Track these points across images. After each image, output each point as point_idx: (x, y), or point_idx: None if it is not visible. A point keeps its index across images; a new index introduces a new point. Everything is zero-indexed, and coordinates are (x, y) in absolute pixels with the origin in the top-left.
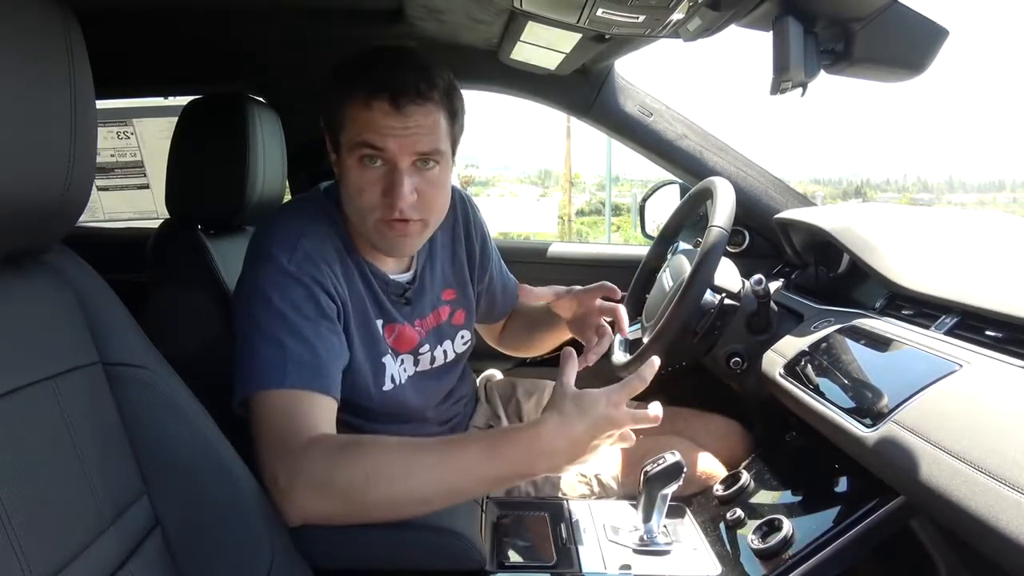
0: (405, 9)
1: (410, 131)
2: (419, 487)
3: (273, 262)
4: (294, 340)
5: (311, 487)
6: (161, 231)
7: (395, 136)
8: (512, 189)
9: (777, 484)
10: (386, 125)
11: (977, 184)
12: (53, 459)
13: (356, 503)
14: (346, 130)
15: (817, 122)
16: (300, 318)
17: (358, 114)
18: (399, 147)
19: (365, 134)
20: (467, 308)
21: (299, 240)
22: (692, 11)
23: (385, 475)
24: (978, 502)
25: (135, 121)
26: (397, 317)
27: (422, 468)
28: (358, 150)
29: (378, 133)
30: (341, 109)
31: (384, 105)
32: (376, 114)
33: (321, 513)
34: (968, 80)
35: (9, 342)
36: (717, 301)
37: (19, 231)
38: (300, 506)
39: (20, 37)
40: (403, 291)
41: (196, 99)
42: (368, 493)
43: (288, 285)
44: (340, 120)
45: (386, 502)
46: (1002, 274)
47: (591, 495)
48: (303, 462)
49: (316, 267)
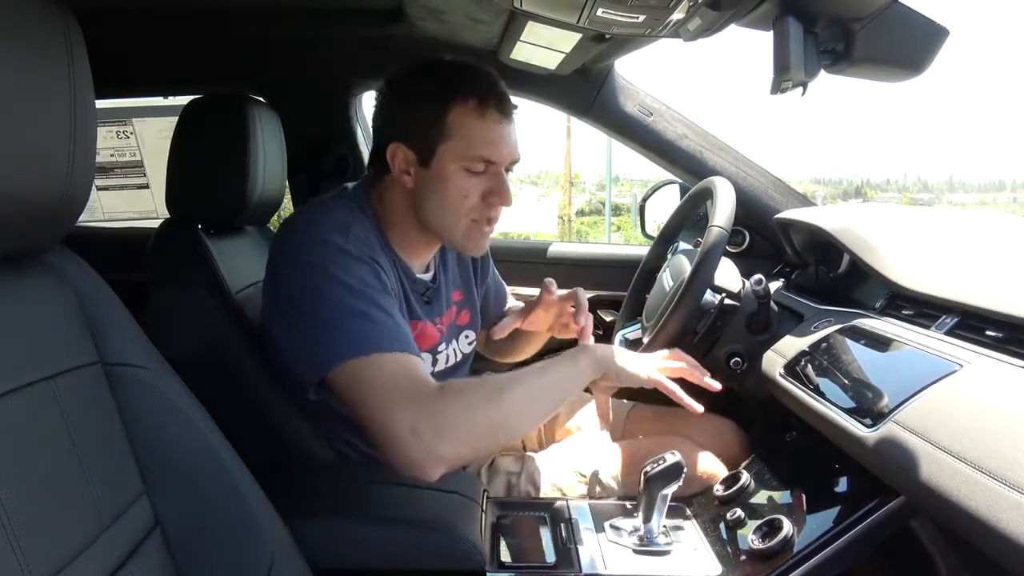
0: (405, 9)
1: (512, 137)
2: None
3: (330, 244)
4: (376, 309)
5: (455, 427)
6: (161, 231)
7: (506, 145)
8: (512, 189)
9: (777, 484)
10: (499, 136)
11: (977, 184)
12: (53, 459)
13: (491, 428)
14: (452, 139)
15: (817, 122)
16: (371, 291)
17: (470, 123)
18: (508, 156)
19: (482, 148)
20: (472, 308)
21: (349, 225)
22: (692, 11)
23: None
24: (978, 502)
25: (135, 121)
26: (421, 315)
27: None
28: (472, 163)
29: (493, 146)
30: (444, 117)
31: (495, 114)
32: (489, 123)
33: (464, 449)
34: (968, 80)
35: (9, 342)
36: (717, 301)
37: (19, 231)
38: (445, 450)
39: (20, 37)
40: (426, 289)
41: (196, 99)
42: (500, 414)
43: (350, 262)
44: (442, 129)
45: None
46: (1002, 274)
47: (591, 495)
48: (440, 404)
49: (371, 248)
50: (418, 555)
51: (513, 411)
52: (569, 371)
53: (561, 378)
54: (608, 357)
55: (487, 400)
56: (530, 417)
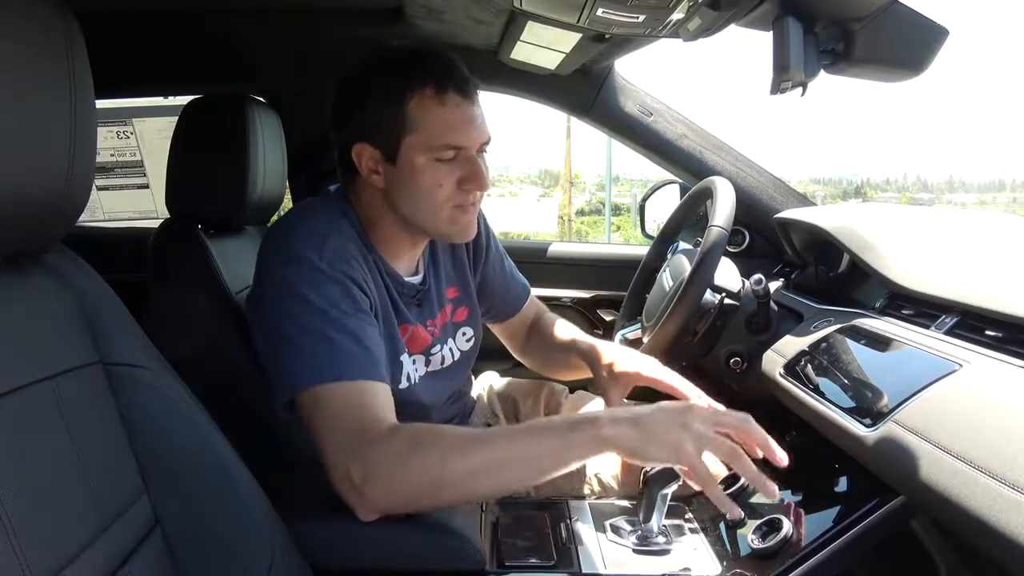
0: (405, 9)
1: (478, 118)
2: (492, 462)
3: (304, 262)
4: (340, 334)
5: (386, 478)
6: (161, 231)
7: (473, 128)
8: (512, 189)
9: (777, 484)
10: (463, 119)
11: (977, 184)
12: (53, 459)
13: (431, 487)
14: (416, 132)
15: (817, 122)
16: (340, 313)
17: (432, 112)
18: (476, 138)
19: (448, 136)
20: (469, 305)
21: (325, 239)
22: (692, 11)
23: (459, 456)
24: (978, 502)
25: (135, 121)
26: (410, 318)
27: (494, 446)
28: (438, 152)
29: (459, 131)
30: (404, 110)
31: (456, 97)
32: (450, 108)
33: (396, 502)
34: (968, 80)
35: (9, 342)
36: (717, 301)
37: (19, 231)
38: (374, 499)
39: (20, 37)
40: (415, 292)
41: (196, 99)
42: (444, 473)
43: (323, 283)
44: (403, 123)
45: (461, 481)
46: (1002, 274)
47: (591, 495)
48: (377, 452)
49: (347, 263)
50: (418, 555)
51: (456, 480)
52: (556, 446)
53: (544, 452)
54: (619, 434)
55: (430, 460)
56: (480, 488)
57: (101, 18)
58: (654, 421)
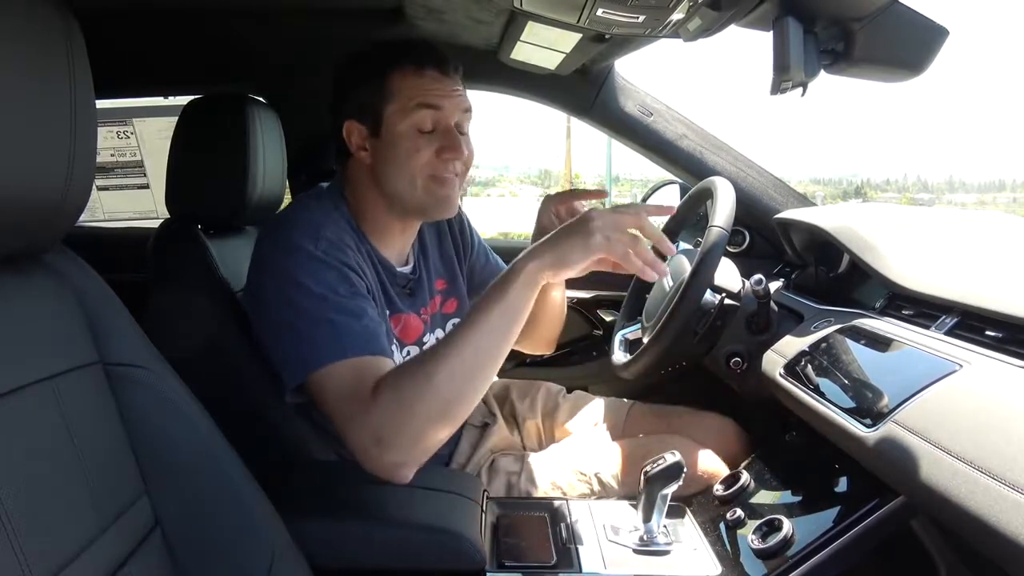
0: (405, 9)
1: (456, 93)
2: (465, 354)
3: (301, 251)
4: (342, 316)
5: (396, 432)
6: (161, 231)
7: (448, 96)
8: (512, 189)
9: (777, 484)
10: (439, 88)
11: (977, 184)
12: (53, 459)
13: (437, 411)
14: (395, 100)
15: (817, 122)
16: (339, 297)
17: (410, 81)
18: (452, 105)
19: (422, 97)
20: (458, 297)
21: (320, 229)
22: (692, 11)
23: (440, 367)
24: (978, 502)
25: (135, 121)
26: (402, 307)
27: (464, 342)
28: (414, 114)
29: (434, 95)
30: (386, 83)
31: (434, 72)
32: (427, 79)
33: (419, 446)
34: (968, 80)
35: (9, 342)
36: (717, 301)
37: (19, 231)
38: (399, 458)
39: (20, 37)
40: (407, 282)
41: (196, 99)
42: (438, 391)
43: (320, 270)
44: (385, 94)
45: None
46: (1002, 274)
47: (591, 495)
48: (374, 414)
49: (342, 251)
50: (418, 555)
51: (451, 389)
52: (502, 308)
53: (495, 322)
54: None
55: (419, 391)
56: (475, 384)
57: (101, 18)
58: (563, 233)
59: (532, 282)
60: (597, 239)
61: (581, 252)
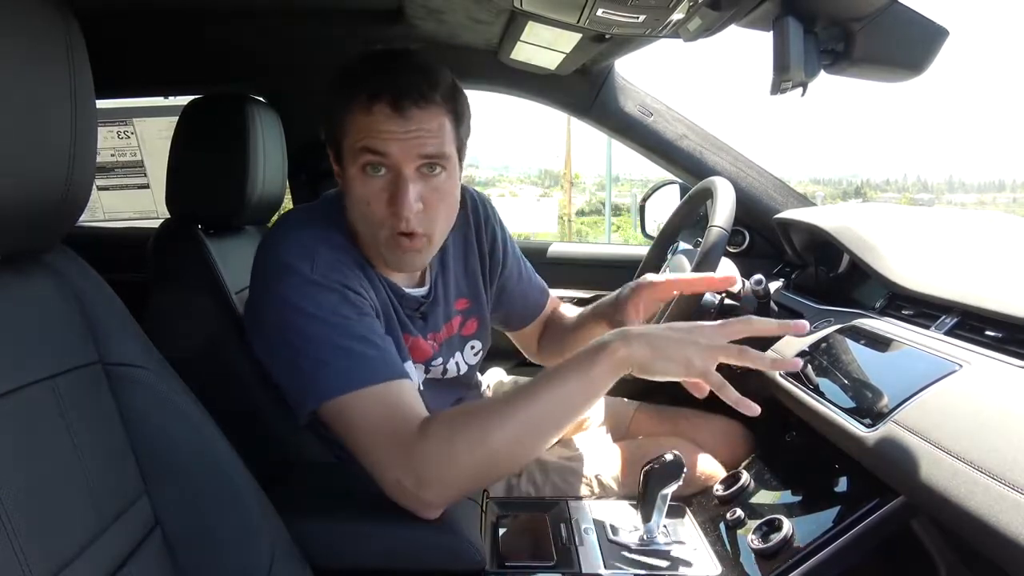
0: (405, 9)
1: (411, 134)
2: (528, 420)
3: (296, 274)
4: (351, 340)
5: (438, 476)
6: (161, 231)
7: (397, 140)
8: (512, 189)
9: (777, 484)
10: (387, 130)
11: (977, 184)
12: (53, 459)
13: (483, 465)
14: (348, 137)
15: (817, 122)
16: (344, 320)
17: (359, 119)
18: (402, 151)
19: (366, 139)
20: (479, 317)
21: (315, 251)
22: (692, 11)
23: (497, 426)
24: (978, 502)
25: (135, 121)
26: (412, 330)
27: (526, 404)
28: (360, 156)
29: (379, 138)
30: (343, 115)
31: (385, 108)
32: (377, 118)
33: (456, 491)
34: (968, 80)
35: (9, 342)
36: (717, 301)
37: (19, 231)
38: (435, 499)
39: (20, 37)
40: (418, 306)
41: (196, 99)
42: (490, 449)
43: (318, 293)
44: (342, 127)
45: (506, 448)
46: (1002, 274)
47: (591, 495)
48: (419, 453)
49: (340, 273)
50: (418, 555)
51: (505, 449)
52: (581, 385)
53: (570, 394)
54: (632, 353)
55: (472, 441)
56: (529, 448)
57: (101, 18)
58: (665, 337)
59: (618, 370)
60: (697, 363)
61: (676, 369)
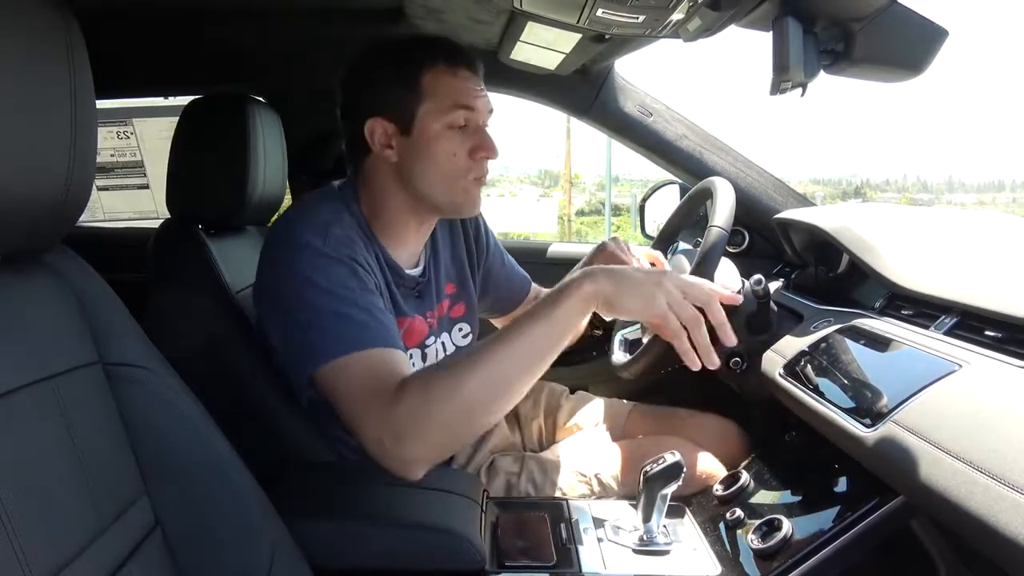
0: (405, 9)
1: (483, 92)
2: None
3: (309, 248)
4: (353, 309)
5: (416, 430)
6: (161, 231)
7: (479, 97)
8: (512, 189)
9: (777, 484)
10: (472, 88)
11: (977, 184)
12: (53, 459)
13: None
14: (430, 99)
15: (817, 122)
16: (350, 292)
17: (444, 81)
18: (483, 106)
19: (457, 97)
20: (467, 302)
21: (328, 227)
22: (692, 11)
23: (469, 375)
24: (978, 502)
25: (135, 121)
26: (407, 310)
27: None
28: (450, 114)
29: (469, 95)
30: (418, 82)
31: (466, 72)
32: (461, 79)
33: (436, 447)
34: (968, 80)
35: (9, 342)
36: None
37: (19, 231)
38: (414, 454)
39: (20, 37)
40: (415, 284)
41: (196, 99)
42: (465, 397)
43: (329, 266)
44: (418, 93)
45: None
46: (1002, 274)
47: (591, 495)
48: (396, 408)
49: (350, 248)
50: (418, 555)
51: (479, 398)
52: (547, 328)
53: (539, 335)
54: (598, 288)
55: (447, 391)
56: (503, 396)
57: (101, 18)
58: (630, 275)
59: (585, 305)
60: (660, 302)
61: (640, 305)
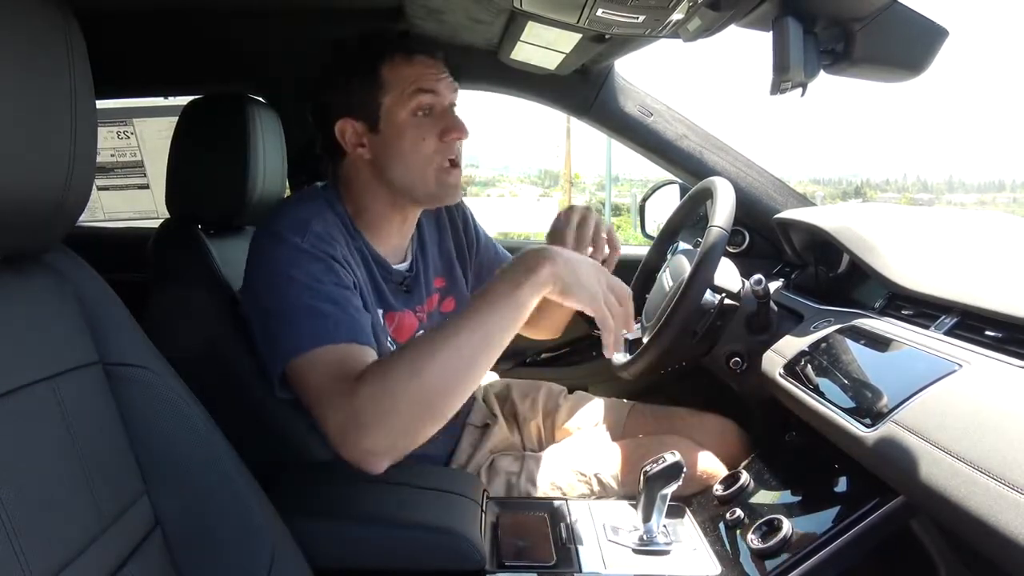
0: (405, 9)
1: (447, 76)
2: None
3: (287, 243)
4: (326, 304)
5: (376, 419)
6: (161, 231)
7: (441, 80)
8: (512, 189)
9: (777, 484)
10: (432, 73)
11: (977, 184)
12: (53, 459)
13: (420, 404)
14: (395, 89)
15: (817, 122)
16: (323, 286)
17: (403, 71)
18: (447, 88)
19: (418, 83)
20: (457, 297)
21: (308, 224)
22: (692, 11)
23: (428, 361)
24: (978, 502)
25: (135, 121)
26: (396, 305)
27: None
28: (414, 99)
29: (430, 80)
30: (378, 76)
31: (424, 58)
32: (419, 67)
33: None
34: (968, 80)
35: (9, 342)
36: (717, 301)
37: (19, 231)
38: (376, 446)
39: (20, 37)
40: (403, 279)
41: (196, 99)
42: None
43: (306, 261)
44: (380, 87)
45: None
46: (1002, 274)
47: (591, 495)
48: (356, 396)
49: (329, 244)
50: (418, 555)
51: (438, 382)
52: (507, 307)
53: (497, 319)
54: (558, 274)
55: (404, 376)
56: (463, 380)
57: (101, 18)
58: (585, 268)
59: (543, 288)
60: (599, 296)
61: (586, 296)
